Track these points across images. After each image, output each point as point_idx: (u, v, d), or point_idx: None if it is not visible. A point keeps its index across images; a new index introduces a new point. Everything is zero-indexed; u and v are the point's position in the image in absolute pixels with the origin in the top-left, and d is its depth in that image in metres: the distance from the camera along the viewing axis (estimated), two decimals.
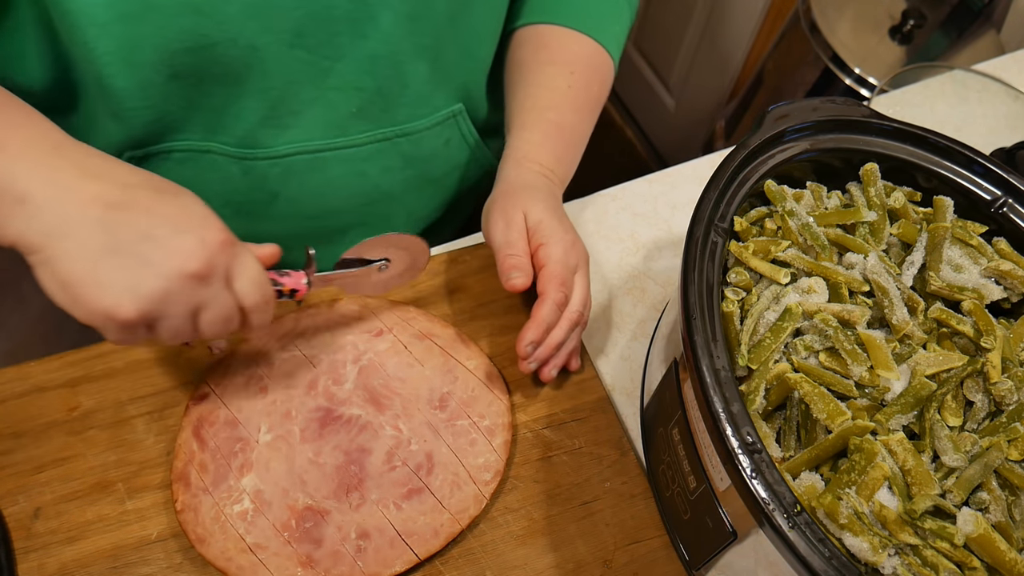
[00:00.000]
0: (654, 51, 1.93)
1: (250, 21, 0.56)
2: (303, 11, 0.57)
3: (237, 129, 0.64)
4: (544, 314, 0.59)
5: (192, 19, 0.55)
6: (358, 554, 0.56)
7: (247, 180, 0.67)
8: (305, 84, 0.62)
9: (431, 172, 0.76)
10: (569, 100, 0.70)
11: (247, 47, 0.58)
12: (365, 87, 0.64)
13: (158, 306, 0.46)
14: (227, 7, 0.55)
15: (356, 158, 0.69)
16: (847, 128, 0.59)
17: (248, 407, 0.60)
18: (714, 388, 0.44)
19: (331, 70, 0.62)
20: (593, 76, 0.73)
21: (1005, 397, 0.49)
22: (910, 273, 0.55)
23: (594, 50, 0.73)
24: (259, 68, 0.59)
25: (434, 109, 0.71)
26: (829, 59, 1.29)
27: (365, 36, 0.61)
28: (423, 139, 0.72)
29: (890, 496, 0.44)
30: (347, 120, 0.66)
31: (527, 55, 0.72)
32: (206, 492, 0.57)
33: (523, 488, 0.61)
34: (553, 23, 0.72)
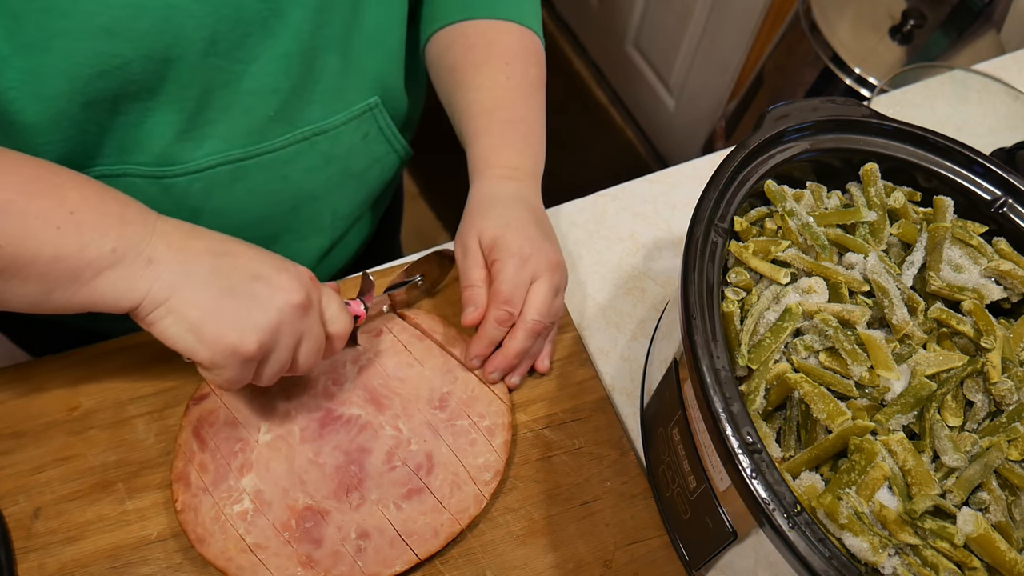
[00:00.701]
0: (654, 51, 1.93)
1: (163, 35, 0.55)
2: (214, 16, 0.56)
3: (153, 146, 0.62)
4: (485, 329, 0.62)
5: (102, 41, 0.53)
6: (358, 554, 0.56)
7: (168, 199, 0.65)
8: (220, 91, 0.61)
9: (352, 168, 0.75)
10: (513, 92, 0.69)
11: (161, 61, 0.56)
12: (280, 87, 0.63)
13: (273, 337, 0.51)
14: (138, 23, 0.53)
15: (277, 162, 0.68)
16: (847, 128, 0.59)
17: (248, 407, 0.60)
18: (714, 388, 0.44)
19: (245, 73, 0.61)
20: (528, 60, 0.72)
21: (1005, 397, 0.49)
22: (910, 273, 0.55)
23: (520, 33, 0.72)
24: (174, 80, 0.58)
25: (349, 104, 0.70)
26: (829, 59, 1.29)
27: (276, 35, 0.60)
28: (340, 135, 0.71)
29: (890, 496, 0.44)
30: (265, 125, 0.65)
31: (457, 59, 0.71)
32: (206, 492, 0.57)
33: (523, 488, 0.61)
34: (471, 18, 0.71)
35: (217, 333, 0.49)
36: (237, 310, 0.50)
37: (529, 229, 0.63)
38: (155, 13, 0.54)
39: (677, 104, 1.92)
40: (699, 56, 1.76)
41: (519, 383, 0.65)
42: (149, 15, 0.53)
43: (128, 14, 0.53)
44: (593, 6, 2.09)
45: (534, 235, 0.63)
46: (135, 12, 0.53)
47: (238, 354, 0.50)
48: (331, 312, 0.56)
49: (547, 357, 0.66)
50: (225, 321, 0.49)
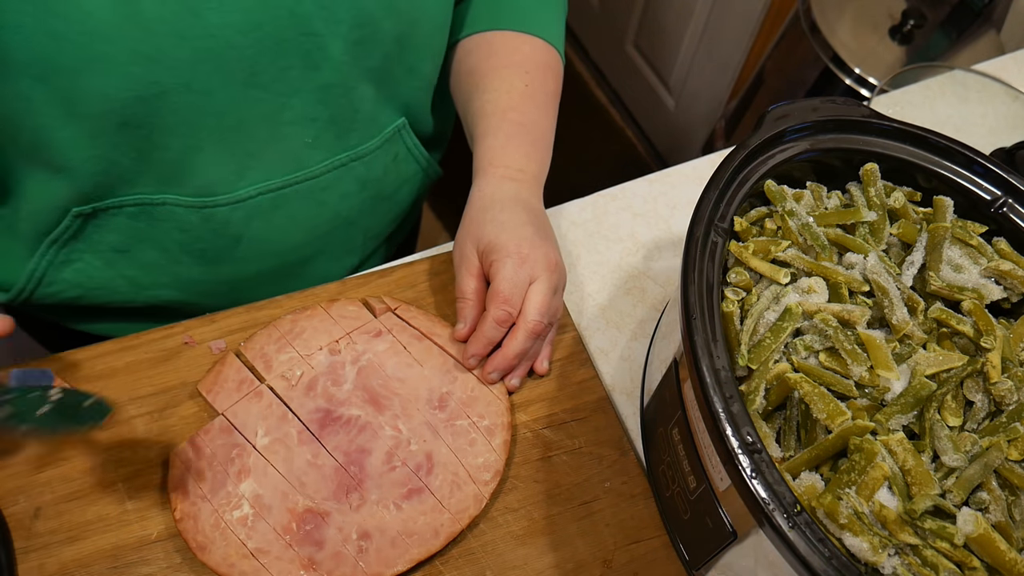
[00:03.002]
0: (654, 51, 1.93)
1: (203, 64, 0.55)
2: (255, 48, 0.56)
3: (194, 180, 0.62)
4: (483, 329, 0.62)
5: (143, 67, 0.53)
6: (360, 555, 0.56)
7: (208, 227, 0.66)
8: (260, 123, 0.61)
9: (384, 190, 0.76)
10: (529, 99, 0.70)
11: (201, 92, 0.56)
12: (318, 117, 0.64)
13: None
14: (179, 52, 0.53)
15: (315, 189, 0.69)
16: (847, 128, 0.59)
17: (244, 411, 0.60)
18: (714, 388, 0.44)
19: (285, 105, 0.61)
20: (547, 73, 0.73)
21: (1005, 397, 0.49)
22: (910, 273, 0.55)
23: (542, 48, 0.73)
24: (213, 112, 0.58)
25: (380, 128, 0.71)
26: (829, 59, 1.29)
27: (317, 67, 0.60)
28: (375, 159, 0.72)
29: (890, 496, 0.44)
30: (303, 152, 0.66)
31: (478, 63, 0.72)
32: (204, 499, 0.57)
33: (523, 488, 0.61)
34: (498, 29, 0.72)
35: None
36: None
37: (526, 230, 0.63)
38: (197, 43, 0.54)
39: (677, 104, 1.92)
40: (699, 56, 1.76)
41: (519, 385, 0.65)
42: (190, 44, 0.54)
43: (170, 43, 0.53)
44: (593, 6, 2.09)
45: (531, 235, 0.63)
46: (177, 41, 0.53)
47: None
48: None
49: (546, 359, 0.66)
50: None
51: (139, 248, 0.68)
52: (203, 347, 0.65)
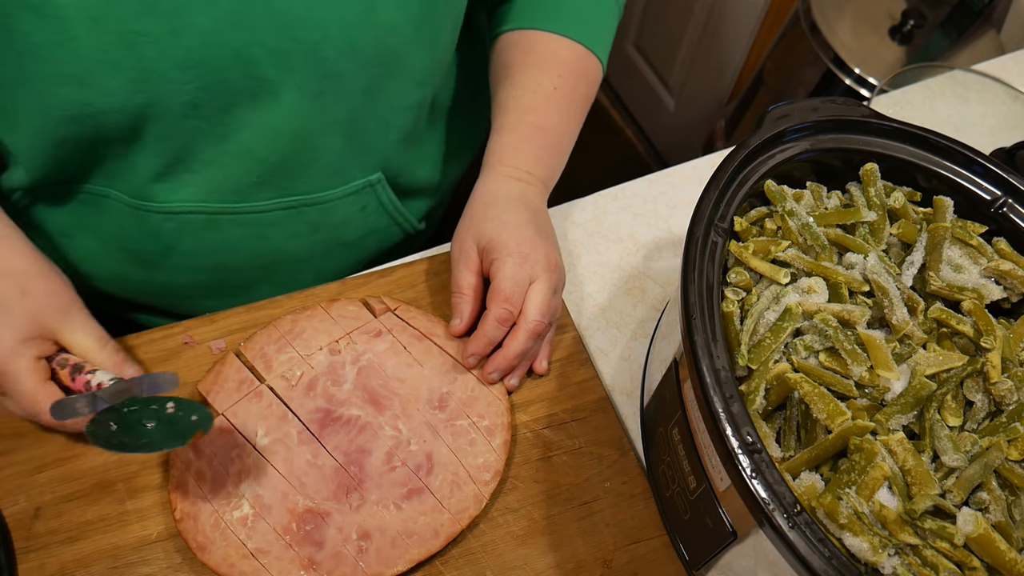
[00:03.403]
0: (654, 51, 1.93)
1: (137, 93, 0.54)
2: (196, 84, 0.55)
3: (132, 180, 0.62)
4: (485, 329, 0.61)
5: (74, 89, 0.53)
6: (360, 555, 0.56)
7: (141, 230, 0.65)
8: (202, 147, 0.60)
9: (344, 237, 0.73)
10: (554, 102, 0.69)
11: (136, 116, 0.56)
12: (266, 159, 0.62)
13: None
14: (111, 80, 0.52)
15: (257, 223, 0.67)
16: (847, 128, 0.59)
17: (244, 411, 0.60)
18: (714, 388, 0.44)
19: (229, 137, 0.60)
20: (580, 79, 0.72)
21: (1005, 397, 0.49)
22: (910, 273, 0.55)
23: (582, 54, 0.72)
24: (152, 131, 0.58)
25: (348, 179, 0.68)
26: (829, 59, 1.29)
27: (265, 109, 0.58)
28: (335, 208, 0.69)
29: (890, 496, 0.44)
30: (247, 188, 0.64)
31: (514, 57, 0.71)
32: (204, 500, 0.57)
33: (523, 488, 0.61)
34: (541, 29, 0.71)
35: None
36: None
37: (527, 229, 0.63)
38: (129, 73, 0.53)
39: (677, 104, 1.92)
40: (699, 56, 1.76)
41: (518, 385, 0.65)
42: (123, 74, 0.53)
43: (101, 69, 0.52)
44: None
45: (532, 235, 0.63)
46: (108, 69, 0.52)
47: None
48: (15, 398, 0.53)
49: (545, 359, 0.66)
50: None
51: (81, 235, 0.67)
52: (203, 347, 0.65)
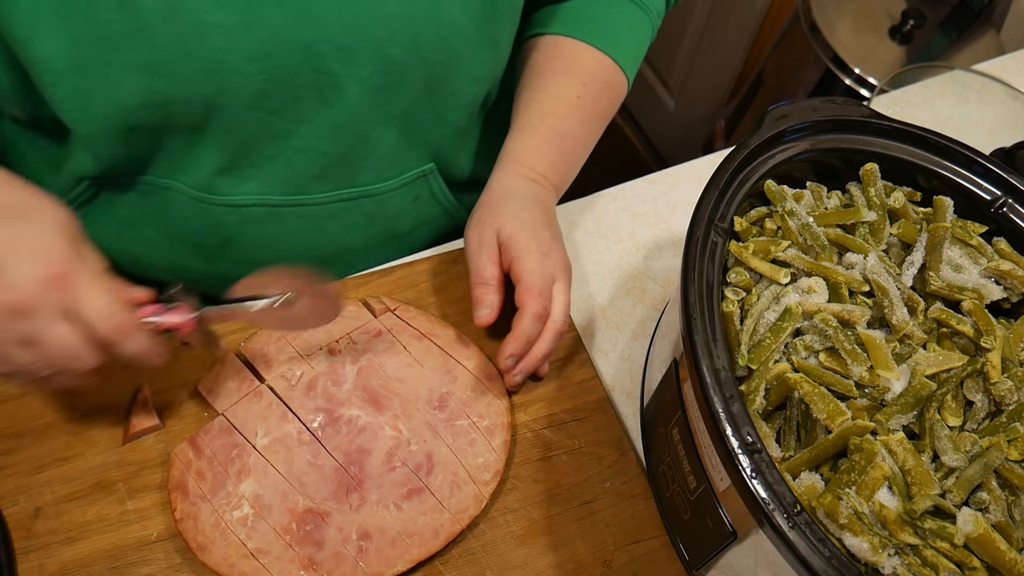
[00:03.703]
0: (654, 51, 1.93)
1: (208, 83, 0.55)
2: (264, 76, 0.56)
3: (196, 173, 0.63)
4: (524, 327, 0.60)
5: (147, 77, 0.54)
6: (360, 555, 0.56)
7: (203, 222, 0.66)
8: (266, 141, 0.61)
9: (397, 229, 0.74)
10: (576, 109, 0.69)
11: (204, 106, 0.57)
12: (328, 152, 0.63)
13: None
14: (183, 68, 0.54)
15: (317, 215, 0.68)
16: (847, 128, 0.59)
17: (244, 411, 0.60)
18: (714, 388, 0.44)
19: (294, 132, 0.61)
20: (604, 91, 0.72)
21: (1005, 397, 0.49)
22: (910, 273, 0.55)
23: (610, 67, 0.72)
24: (218, 123, 0.59)
25: (403, 171, 0.69)
26: (829, 59, 1.29)
27: (330, 104, 0.60)
28: (389, 199, 0.70)
29: (890, 496, 0.44)
30: (308, 181, 0.65)
31: (541, 61, 0.71)
32: (204, 500, 0.57)
33: (523, 488, 0.61)
34: (572, 37, 0.71)
35: None
36: None
37: (544, 231, 0.63)
38: (201, 63, 0.54)
39: (677, 104, 1.92)
40: (699, 56, 1.76)
41: (522, 383, 0.64)
42: (195, 63, 0.54)
43: (174, 58, 0.53)
44: None
45: (548, 237, 0.63)
46: (181, 57, 0.53)
47: None
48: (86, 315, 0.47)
49: (546, 362, 0.66)
50: None
51: (144, 226, 0.68)
52: (203, 347, 0.65)
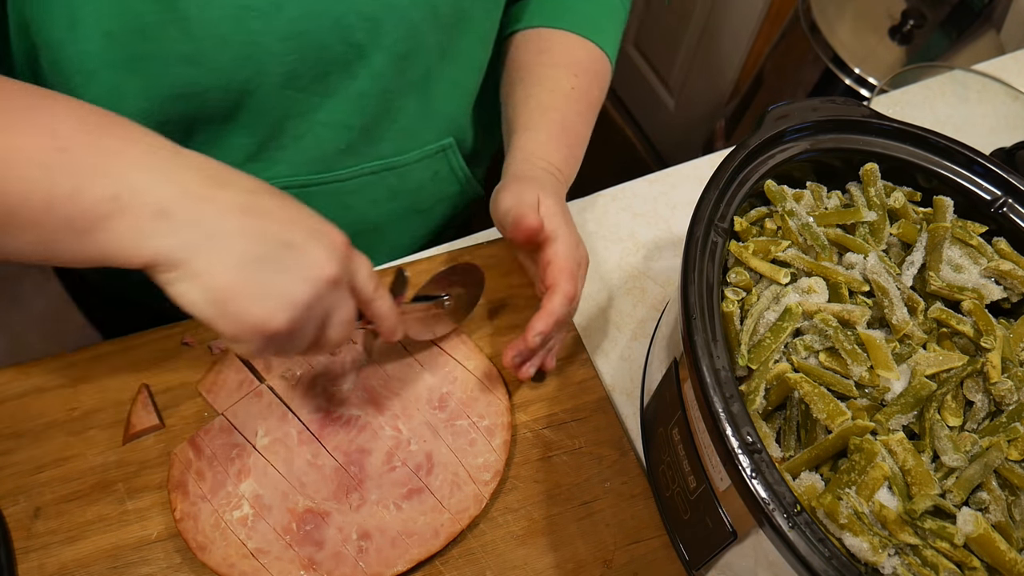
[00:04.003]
0: (654, 51, 1.93)
1: (243, 68, 0.56)
2: (296, 55, 0.57)
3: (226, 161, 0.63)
4: (555, 305, 0.58)
5: (185, 68, 0.54)
6: (360, 555, 0.56)
7: None
8: (294, 120, 0.62)
9: (419, 204, 0.75)
10: (572, 102, 0.70)
11: (238, 92, 0.57)
12: (353, 124, 0.64)
13: (304, 313, 0.45)
14: (220, 56, 0.54)
15: (341, 191, 0.68)
16: (847, 128, 0.59)
17: (244, 411, 0.60)
18: (714, 388, 0.44)
19: (320, 106, 0.62)
20: (594, 80, 0.72)
21: (1005, 397, 0.49)
22: (910, 273, 0.55)
23: (595, 54, 0.73)
24: (249, 108, 0.59)
25: (423, 143, 0.70)
26: (829, 59, 1.29)
27: (356, 75, 0.61)
28: (410, 172, 0.71)
29: (890, 496, 0.44)
30: (334, 156, 0.66)
31: (529, 57, 0.72)
32: (204, 500, 0.57)
33: (523, 488, 0.61)
34: (556, 27, 0.72)
35: (243, 308, 0.43)
36: (266, 283, 0.43)
37: (569, 217, 0.63)
38: (238, 49, 0.54)
39: (677, 104, 1.92)
40: (699, 56, 1.76)
41: (532, 373, 0.63)
42: (232, 49, 0.54)
43: (211, 46, 0.54)
44: None
45: (573, 228, 0.63)
46: (218, 45, 0.54)
47: (264, 332, 0.44)
48: (360, 278, 0.49)
49: (554, 355, 0.66)
50: (252, 295, 0.43)
51: None
52: (203, 347, 0.65)
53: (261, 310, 0.43)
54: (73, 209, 0.41)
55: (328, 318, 0.48)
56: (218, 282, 0.42)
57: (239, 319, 0.43)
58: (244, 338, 0.44)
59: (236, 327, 0.43)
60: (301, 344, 0.47)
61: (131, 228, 0.41)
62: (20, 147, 0.40)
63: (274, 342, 0.45)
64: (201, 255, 0.42)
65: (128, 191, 0.41)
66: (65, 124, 0.42)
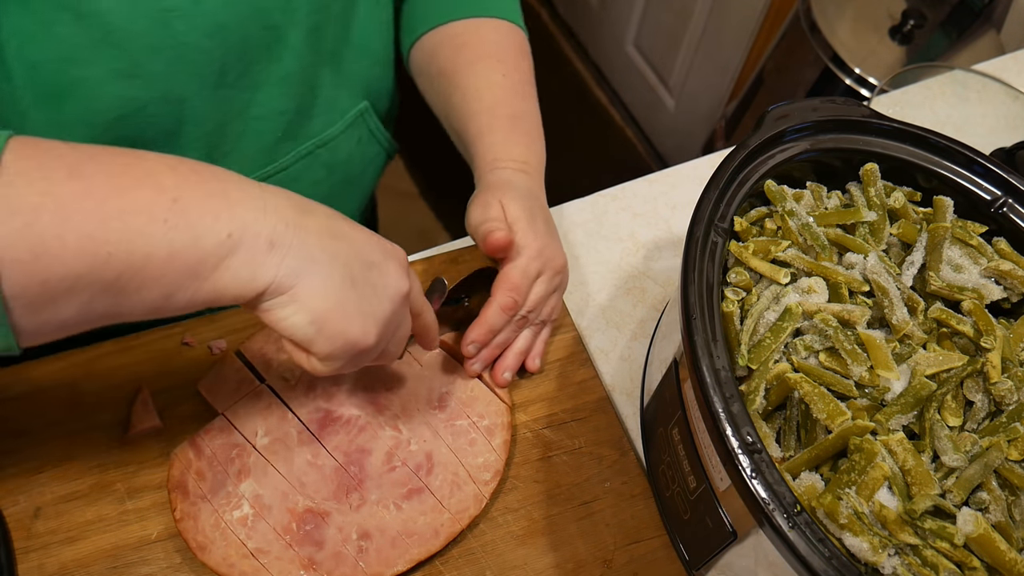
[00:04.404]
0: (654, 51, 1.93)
1: (177, 73, 0.55)
2: (222, 49, 0.57)
3: None
4: (488, 316, 0.61)
5: (121, 84, 0.53)
6: (360, 555, 0.56)
7: None
8: (232, 122, 0.62)
9: (351, 174, 0.76)
10: (510, 89, 0.69)
11: (177, 101, 0.57)
12: (286, 108, 0.64)
13: (388, 328, 0.48)
14: (153, 64, 0.54)
15: (286, 180, 0.68)
16: (847, 128, 0.59)
17: (244, 411, 0.60)
18: (714, 388, 0.44)
19: (252, 100, 0.62)
20: (518, 55, 0.71)
21: (1005, 397, 0.49)
22: (910, 273, 0.55)
23: (507, 29, 0.72)
24: (191, 119, 0.59)
25: (342, 112, 0.70)
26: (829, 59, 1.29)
27: (278, 59, 0.61)
28: (339, 144, 0.71)
29: (890, 496, 0.44)
30: (274, 146, 0.66)
31: (447, 61, 0.70)
32: (204, 500, 0.57)
33: (523, 488, 0.61)
34: (457, 18, 0.71)
35: (341, 327, 0.45)
36: (359, 302, 0.46)
37: (542, 225, 0.63)
38: (167, 53, 0.54)
39: (677, 104, 1.92)
40: (699, 56, 1.76)
41: (509, 379, 0.64)
42: (162, 55, 0.54)
43: (143, 56, 0.53)
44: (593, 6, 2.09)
45: (546, 232, 0.63)
46: (149, 54, 0.53)
47: (357, 347, 0.46)
48: (419, 302, 0.53)
49: (538, 356, 0.66)
50: (349, 314, 0.45)
51: None
52: (203, 347, 0.65)
53: (357, 328, 0.46)
54: (195, 256, 0.41)
55: (395, 332, 0.51)
56: (320, 305, 0.44)
57: (337, 338, 0.45)
58: (337, 355, 0.46)
59: (332, 346, 0.45)
60: (374, 357, 0.50)
61: (246, 264, 0.43)
62: (138, 206, 0.40)
63: (361, 357, 0.48)
64: (304, 280, 0.44)
65: (240, 228, 0.42)
66: (165, 176, 0.42)
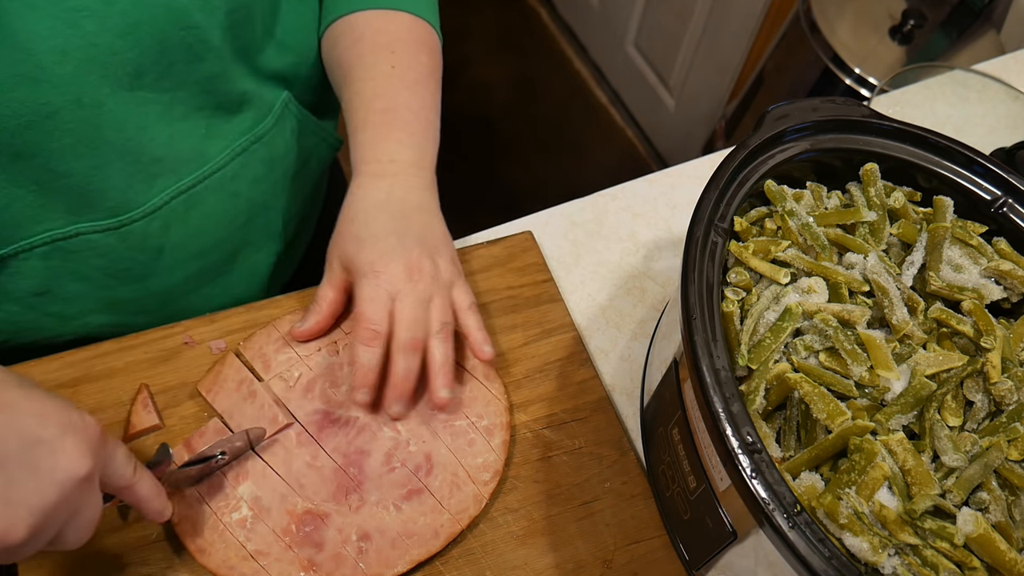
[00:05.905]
0: (654, 51, 1.93)
1: (89, 76, 0.52)
2: (137, 50, 0.54)
3: (106, 201, 0.59)
4: (356, 356, 0.58)
5: (28, 89, 0.50)
6: (360, 556, 0.56)
7: (127, 245, 0.63)
8: (156, 124, 0.59)
9: (292, 167, 0.74)
10: (397, 79, 0.67)
11: (92, 106, 0.54)
12: (205, 106, 0.62)
13: (47, 520, 0.41)
14: (62, 67, 0.51)
15: (224, 180, 0.67)
16: (847, 128, 0.59)
17: (241, 412, 0.60)
18: (714, 388, 0.44)
19: (174, 100, 0.60)
20: (418, 48, 0.69)
21: (1005, 397, 0.49)
22: (910, 273, 0.55)
23: (411, 23, 0.69)
24: (109, 124, 0.56)
25: (269, 105, 0.69)
26: (829, 59, 1.29)
27: (201, 59, 0.59)
28: (274, 138, 0.70)
29: (890, 496, 0.44)
30: (203, 145, 0.64)
31: (344, 52, 0.68)
32: (202, 502, 0.57)
33: (523, 488, 0.61)
34: (361, 10, 0.69)
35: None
36: (6, 487, 0.40)
37: (385, 242, 0.60)
38: (77, 55, 0.51)
39: (677, 104, 1.92)
40: (699, 56, 1.76)
41: (448, 396, 0.60)
42: (71, 56, 0.51)
43: (51, 59, 0.50)
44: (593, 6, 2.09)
45: (391, 247, 0.60)
46: (57, 56, 0.51)
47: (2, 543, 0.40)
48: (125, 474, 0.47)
49: (485, 343, 0.63)
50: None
51: (59, 286, 0.63)
52: (203, 347, 0.65)
53: (2, 521, 0.40)
54: None
55: (72, 517, 0.44)
56: None
57: None
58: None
59: None
60: (31, 550, 0.42)
61: None
62: None
63: (12, 553, 0.41)
64: None
65: None
66: None
